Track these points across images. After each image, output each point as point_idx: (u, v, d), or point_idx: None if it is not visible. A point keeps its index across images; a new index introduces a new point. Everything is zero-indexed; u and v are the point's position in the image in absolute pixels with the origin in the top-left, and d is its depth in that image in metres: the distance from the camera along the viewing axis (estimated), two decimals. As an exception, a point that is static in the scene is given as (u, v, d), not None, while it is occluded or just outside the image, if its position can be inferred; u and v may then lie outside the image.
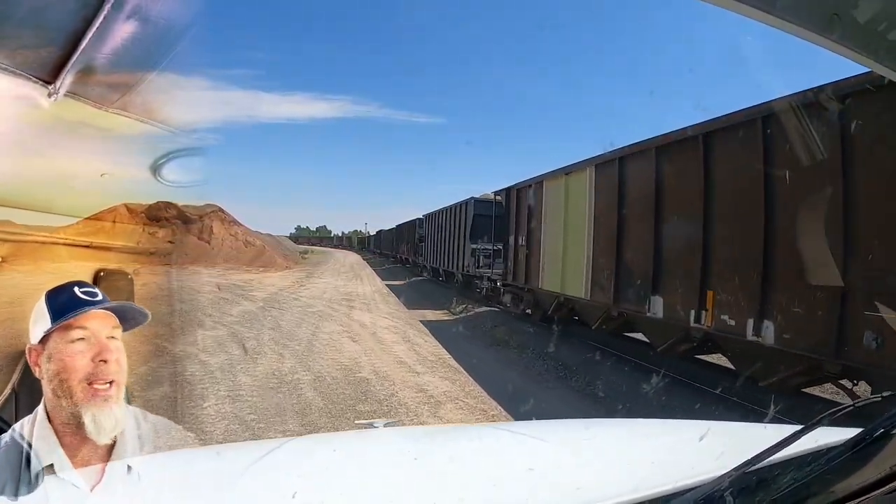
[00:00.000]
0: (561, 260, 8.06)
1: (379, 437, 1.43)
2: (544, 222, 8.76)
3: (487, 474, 1.00)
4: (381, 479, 1.01)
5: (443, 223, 16.69)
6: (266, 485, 0.97)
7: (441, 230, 16.91)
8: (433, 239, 18.39)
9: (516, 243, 9.88)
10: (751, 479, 0.72)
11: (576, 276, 7.50)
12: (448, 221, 15.93)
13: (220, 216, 24.90)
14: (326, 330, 8.74)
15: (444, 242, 16.51)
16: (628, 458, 1.07)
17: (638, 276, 6.02)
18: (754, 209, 4.48)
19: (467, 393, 5.50)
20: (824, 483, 0.69)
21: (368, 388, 5.42)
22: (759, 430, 1.16)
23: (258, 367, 6.08)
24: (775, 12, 0.72)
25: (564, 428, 1.48)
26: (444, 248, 16.39)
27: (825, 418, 0.76)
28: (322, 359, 6.63)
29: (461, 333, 9.53)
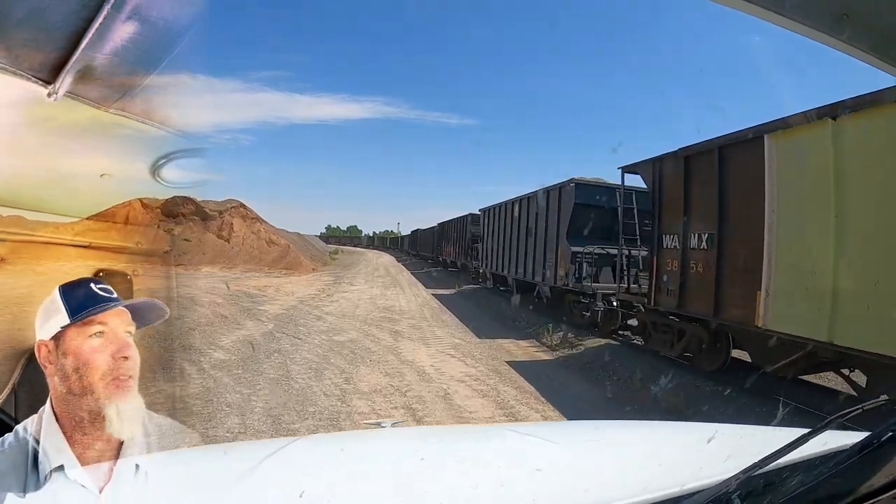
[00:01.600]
0: (828, 276, 4.16)
1: (386, 436, 1.45)
2: (775, 206, 4.74)
3: (495, 475, 1.01)
4: (388, 478, 1.02)
5: (513, 219, 12.75)
6: (273, 484, 0.98)
7: (510, 227, 13.02)
8: (497, 238, 14.32)
9: (684, 245, 5.98)
10: (759, 482, 0.72)
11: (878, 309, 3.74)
12: (524, 216, 12.01)
13: (241, 212, 23.58)
14: (364, 386, 5.46)
15: (514, 243, 12.56)
16: (636, 460, 1.08)
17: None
18: None
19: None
20: (832, 486, 0.70)
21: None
22: (768, 433, 1.17)
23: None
24: (785, 13, 0.73)
25: (573, 429, 1.49)
26: (516, 250, 12.42)
27: (833, 421, 0.77)
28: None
29: (595, 397, 5.74)
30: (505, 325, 10.11)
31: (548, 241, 10.40)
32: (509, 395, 5.48)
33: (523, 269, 11.91)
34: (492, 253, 15.12)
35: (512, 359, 7.27)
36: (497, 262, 14.38)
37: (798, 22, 0.74)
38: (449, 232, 24.15)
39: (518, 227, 12.40)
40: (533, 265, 11.23)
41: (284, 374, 5.81)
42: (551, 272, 10.16)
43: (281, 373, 5.87)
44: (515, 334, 9.10)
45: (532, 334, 8.95)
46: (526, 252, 11.72)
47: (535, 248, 11.14)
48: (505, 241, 13.52)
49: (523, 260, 11.90)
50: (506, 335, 8.97)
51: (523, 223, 12.03)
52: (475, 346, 7.91)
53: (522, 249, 11.97)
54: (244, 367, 6.04)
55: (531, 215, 11.47)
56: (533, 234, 11.20)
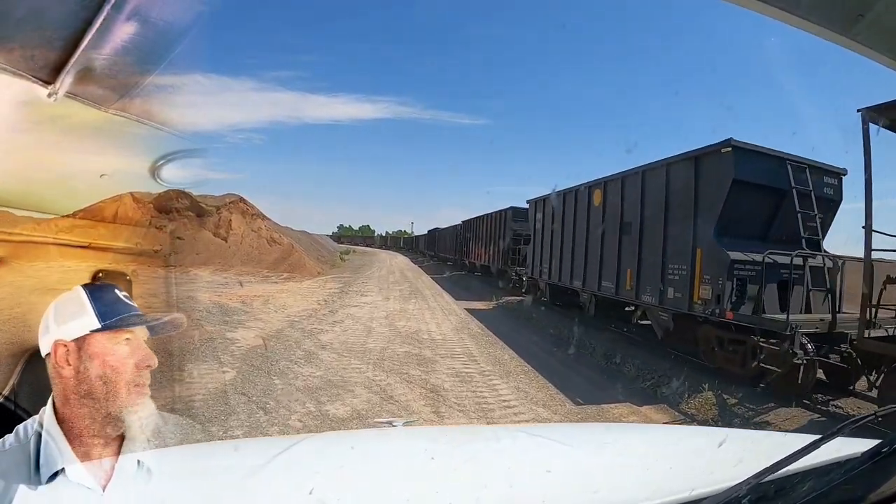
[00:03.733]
0: None
1: (397, 435, 1.47)
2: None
3: (504, 475, 1.03)
4: (397, 477, 1.05)
5: (591, 210, 9.20)
6: (283, 480, 1.00)
7: (584, 222, 9.39)
8: (558, 238, 10.66)
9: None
10: (769, 488, 0.73)
11: None
12: (614, 205, 8.32)
13: (240, 208, 21.68)
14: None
15: (592, 245, 9.04)
16: (646, 464, 1.09)
17: None
18: None
19: None
20: (843, 494, 0.71)
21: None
22: (778, 439, 1.18)
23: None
24: (798, 12, 0.73)
25: (583, 431, 1.50)
26: (596, 255, 8.84)
27: (844, 428, 0.78)
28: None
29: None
30: (599, 371, 6.71)
31: (671, 242, 6.76)
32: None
33: (612, 283, 8.26)
34: (549, 257, 11.22)
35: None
36: (558, 269, 10.59)
37: (813, 23, 0.74)
38: (478, 230, 20.44)
39: (602, 222, 8.69)
40: (635, 279, 7.55)
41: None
42: (679, 291, 6.56)
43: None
44: (626, 391, 5.73)
45: (652, 392, 5.73)
46: (619, 258, 8.06)
47: (639, 253, 7.51)
48: (574, 242, 9.85)
49: (611, 270, 8.32)
50: (612, 394, 5.61)
51: (613, 216, 8.28)
52: (576, 420, 4.93)
53: (609, 254, 8.41)
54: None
55: (630, 204, 7.85)
56: (635, 232, 7.62)
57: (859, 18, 0.74)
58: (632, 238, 7.73)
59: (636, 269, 7.58)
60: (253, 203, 22.44)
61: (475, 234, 21.18)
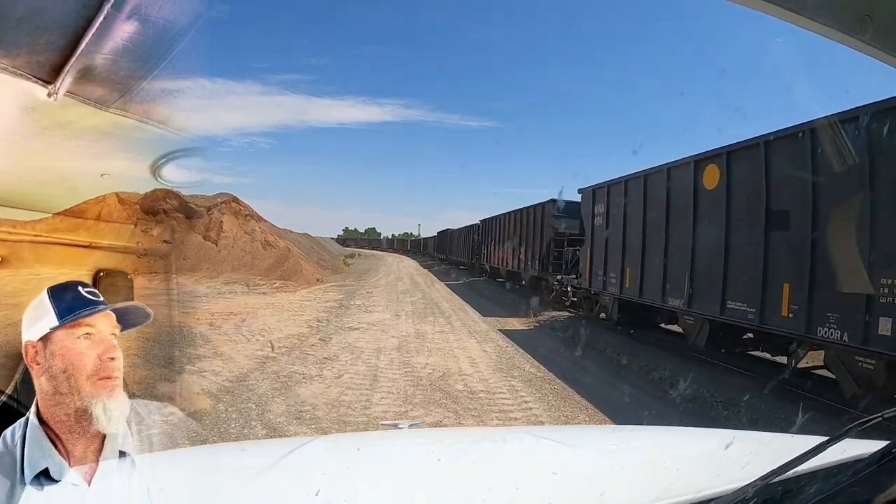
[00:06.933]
0: None
1: (403, 437, 1.48)
2: None
3: (510, 478, 1.04)
4: (403, 479, 1.06)
5: (692, 195, 6.75)
6: (289, 482, 1.02)
7: (682, 215, 6.97)
8: (636, 237, 8.11)
9: None
10: (776, 490, 0.74)
11: None
12: (741, 184, 6.03)
13: (233, 208, 20.14)
14: None
15: (694, 249, 6.71)
16: (653, 466, 1.10)
17: None
18: None
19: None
20: (850, 496, 0.72)
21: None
22: (786, 440, 1.19)
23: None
24: (806, 13, 0.74)
25: (590, 434, 1.52)
26: (702, 262, 6.59)
27: (852, 429, 0.79)
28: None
29: None
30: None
31: (888, 240, 4.28)
32: None
33: (747, 303, 5.74)
34: (619, 264, 8.60)
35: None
36: (637, 280, 7.97)
37: (819, 23, 0.76)
38: (503, 230, 17.72)
39: (726, 212, 6.12)
40: (803, 300, 5.00)
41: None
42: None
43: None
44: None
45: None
46: (765, 266, 5.51)
47: (811, 259, 4.94)
48: (667, 243, 7.22)
49: (745, 284, 5.82)
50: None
51: (748, 202, 5.86)
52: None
53: (742, 260, 5.89)
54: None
55: (784, 182, 5.40)
56: (800, 225, 5.12)
57: (867, 19, 0.75)
58: (793, 235, 5.16)
59: (805, 285, 4.95)
60: (258, 206, 21.22)
61: (499, 234, 18.37)
